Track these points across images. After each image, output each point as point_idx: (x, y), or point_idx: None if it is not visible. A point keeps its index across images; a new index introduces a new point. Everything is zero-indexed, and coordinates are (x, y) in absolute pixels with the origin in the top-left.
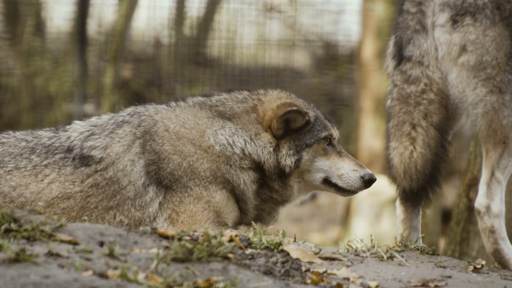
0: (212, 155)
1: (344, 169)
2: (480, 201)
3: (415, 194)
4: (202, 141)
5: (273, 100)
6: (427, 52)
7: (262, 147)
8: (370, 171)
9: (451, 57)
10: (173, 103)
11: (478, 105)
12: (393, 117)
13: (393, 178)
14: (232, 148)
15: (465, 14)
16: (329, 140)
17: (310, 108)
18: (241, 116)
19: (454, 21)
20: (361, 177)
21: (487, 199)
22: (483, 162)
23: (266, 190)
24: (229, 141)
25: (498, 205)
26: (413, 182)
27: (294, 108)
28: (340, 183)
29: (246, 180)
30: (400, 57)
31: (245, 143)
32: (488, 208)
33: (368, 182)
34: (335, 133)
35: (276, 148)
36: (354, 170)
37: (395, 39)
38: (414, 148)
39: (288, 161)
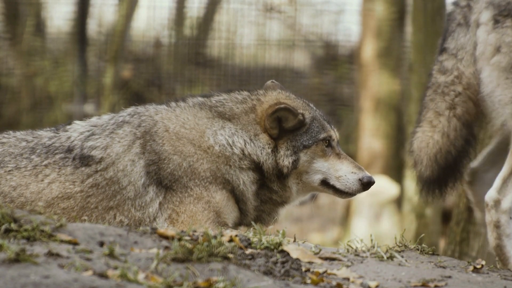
0: (212, 156)
1: (343, 171)
2: (490, 194)
3: (429, 182)
4: (202, 141)
5: (271, 101)
6: (462, 46)
7: (261, 148)
8: (368, 174)
9: (485, 56)
10: (173, 104)
11: (507, 105)
12: (423, 105)
13: (413, 163)
14: (232, 149)
15: (507, 16)
16: (328, 141)
17: (308, 109)
18: (240, 116)
19: (496, 21)
20: (359, 179)
21: (499, 194)
22: (507, 158)
23: (265, 191)
24: (228, 141)
25: (510, 202)
26: (427, 169)
27: (282, 106)
28: (338, 185)
29: (245, 181)
30: (442, 48)
31: (245, 143)
32: (497, 202)
33: (366, 184)
34: (334, 134)
35: (274, 149)
36: (352, 172)
37: (444, 31)
38: (432, 135)
39: (285, 161)
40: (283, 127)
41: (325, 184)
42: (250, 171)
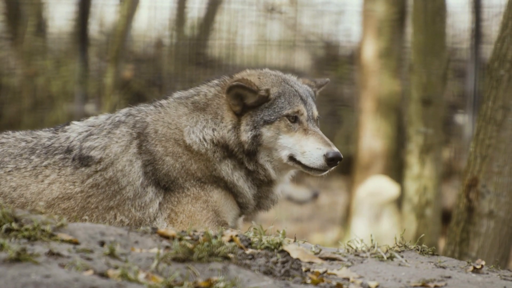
0: (196, 155)
1: (308, 147)
2: None
3: None
4: (184, 141)
5: (237, 77)
6: None
7: (223, 128)
8: (335, 150)
9: None
10: (158, 103)
11: None
12: None
13: None
14: (204, 145)
15: None
16: (294, 117)
17: (278, 85)
18: (213, 100)
19: None
20: (324, 155)
21: None
22: None
23: (254, 174)
24: (200, 138)
25: None
26: None
27: (234, 83)
28: (303, 160)
29: (228, 171)
30: None
31: (213, 132)
32: None
33: (330, 160)
34: (303, 110)
35: (237, 125)
36: (318, 148)
37: None
38: None
39: (244, 136)
40: (245, 103)
41: (293, 160)
42: (227, 159)
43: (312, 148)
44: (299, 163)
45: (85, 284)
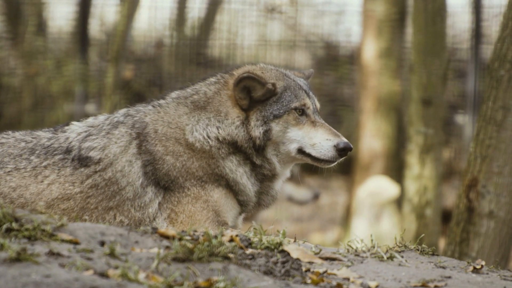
0: (198, 153)
1: (317, 139)
2: None
3: None
4: (186, 139)
5: (241, 72)
6: None
7: (230, 124)
8: (344, 140)
9: None
10: (156, 103)
11: None
12: None
13: None
14: (208, 142)
15: None
16: (301, 110)
17: (282, 79)
18: (214, 98)
19: None
20: (334, 146)
21: None
22: None
23: (257, 169)
24: (203, 135)
25: None
26: None
27: (245, 75)
28: (313, 152)
29: (232, 167)
30: None
31: (218, 129)
32: None
33: (341, 150)
34: (309, 103)
35: (245, 121)
36: (327, 139)
37: None
38: None
39: (256, 132)
40: (252, 97)
41: (302, 152)
42: (232, 155)
43: (322, 139)
44: (308, 155)
45: (85, 284)
